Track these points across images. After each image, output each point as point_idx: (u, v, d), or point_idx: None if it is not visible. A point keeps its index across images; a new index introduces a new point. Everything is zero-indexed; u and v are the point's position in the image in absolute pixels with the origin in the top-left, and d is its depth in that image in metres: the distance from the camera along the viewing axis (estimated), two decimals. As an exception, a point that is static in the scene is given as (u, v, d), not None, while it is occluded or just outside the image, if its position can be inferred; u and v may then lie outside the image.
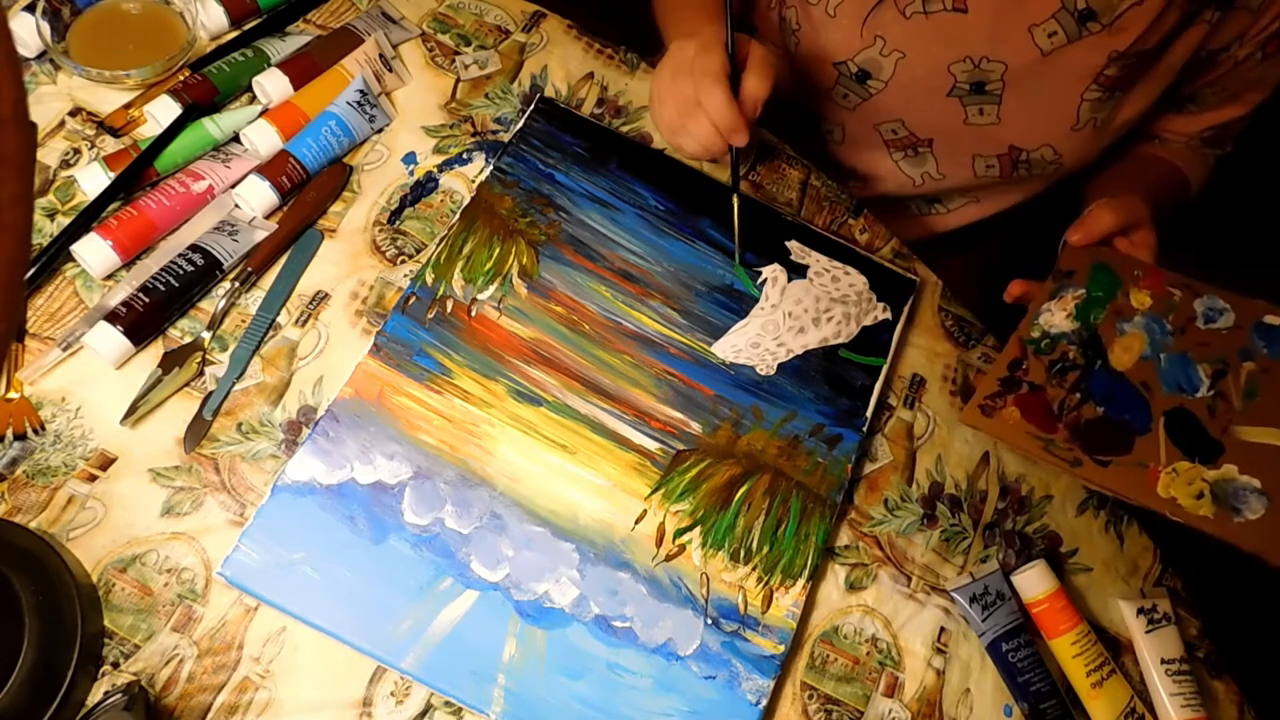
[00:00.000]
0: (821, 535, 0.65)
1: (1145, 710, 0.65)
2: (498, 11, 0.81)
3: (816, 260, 0.74)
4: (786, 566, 0.64)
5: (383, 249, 0.70)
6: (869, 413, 0.69)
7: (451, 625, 0.58)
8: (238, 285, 0.65)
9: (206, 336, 0.64)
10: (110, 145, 0.69)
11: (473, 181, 0.73)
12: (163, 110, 0.68)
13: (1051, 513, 0.71)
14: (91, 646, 0.54)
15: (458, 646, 0.57)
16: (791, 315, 0.72)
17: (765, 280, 0.73)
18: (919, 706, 0.64)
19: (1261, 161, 1.10)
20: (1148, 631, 0.67)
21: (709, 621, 0.61)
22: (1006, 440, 0.62)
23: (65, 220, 0.65)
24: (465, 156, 0.74)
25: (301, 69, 0.72)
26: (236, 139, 0.70)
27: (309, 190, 0.69)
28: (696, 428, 0.66)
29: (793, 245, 0.75)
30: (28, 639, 0.51)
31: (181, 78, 0.71)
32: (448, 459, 0.62)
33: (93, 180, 0.66)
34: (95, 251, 0.63)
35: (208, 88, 0.70)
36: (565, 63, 0.80)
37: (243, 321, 0.65)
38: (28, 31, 0.69)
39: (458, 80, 0.78)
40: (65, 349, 0.61)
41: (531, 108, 0.76)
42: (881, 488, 0.69)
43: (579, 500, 0.63)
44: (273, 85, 0.71)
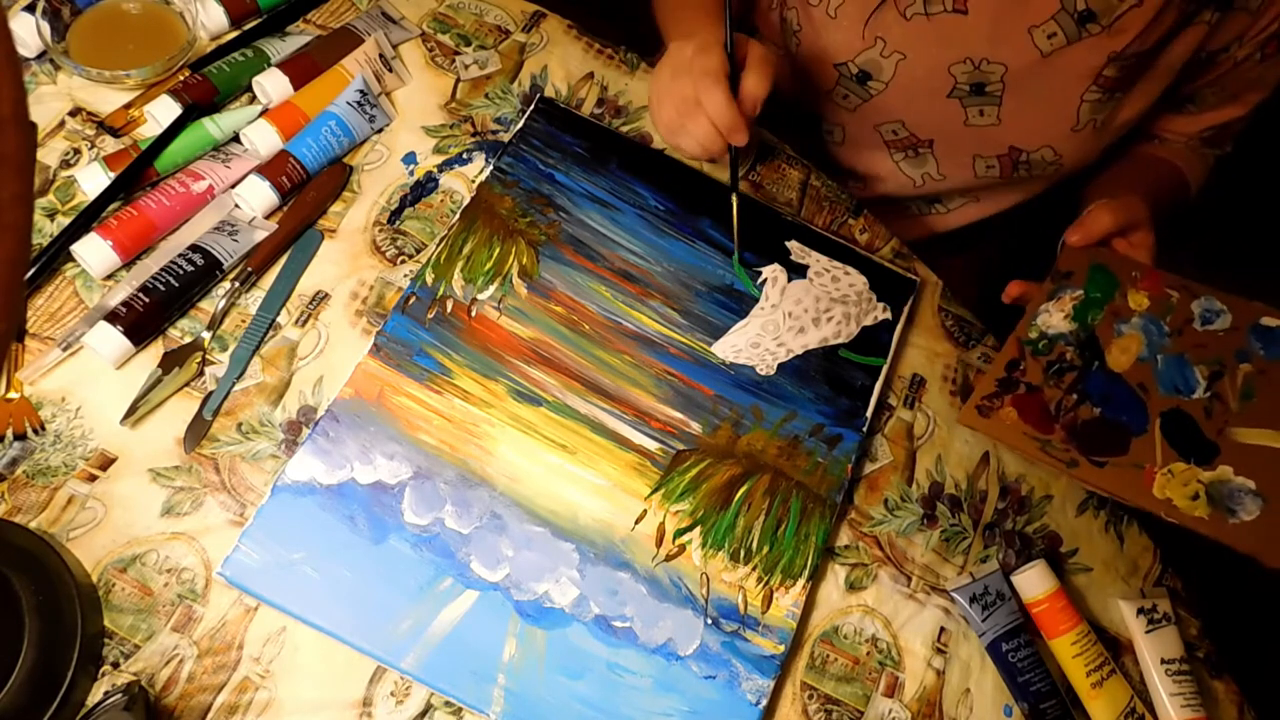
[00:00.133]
0: (821, 535, 0.65)
1: (1145, 710, 0.65)
2: (498, 11, 0.82)
3: (816, 260, 0.74)
4: (786, 566, 0.64)
5: (383, 249, 0.70)
6: (869, 413, 0.70)
7: (451, 625, 0.58)
8: (238, 285, 0.65)
9: (206, 336, 0.64)
10: (110, 145, 0.69)
11: (473, 181, 0.73)
12: (163, 110, 0.68)
13: (1051, 513, 0.71)
14: (91, 646, 0.54)
15: (458, 646, 0.57)
16: (791, 315, 0.72)
17: (765, 280, 0.73)
18: (919, 706, 0.64)
19: (1261, 162, 1.10)
20: (1148, 631, 0.67)
21: (709, 621, 0.61)
22: (1003, 441, 0.62)
23: (65, 220, 0.65)
24: (465, 156, 0.74)
25: (301, 69, 0.72)
26: (236, 139, 0.70)
27: (309, 190, 0.69)
28: (696, 428, 0.66)
29: (793, 245, 0.75)
30: (28, 639, 0.51)
31: (181, 78, 0.71)
32: (448, 459, 0.62)
33: (93, 180, 0.66)
34: (95, 251, 0.63)
35: (208, 88, 0.70)
36: (565, 63, 0.80)
37: (243, 321, 0.65)
38: (28, 31, 0.69)
39: (458, 80, 0.78)
40: (65, 349, 0.61)
41: (531, 108, 0.76)
42: (881, 488, 0.69)
43: (579, 500, 0.63)
44: (273, 85, 0.71)
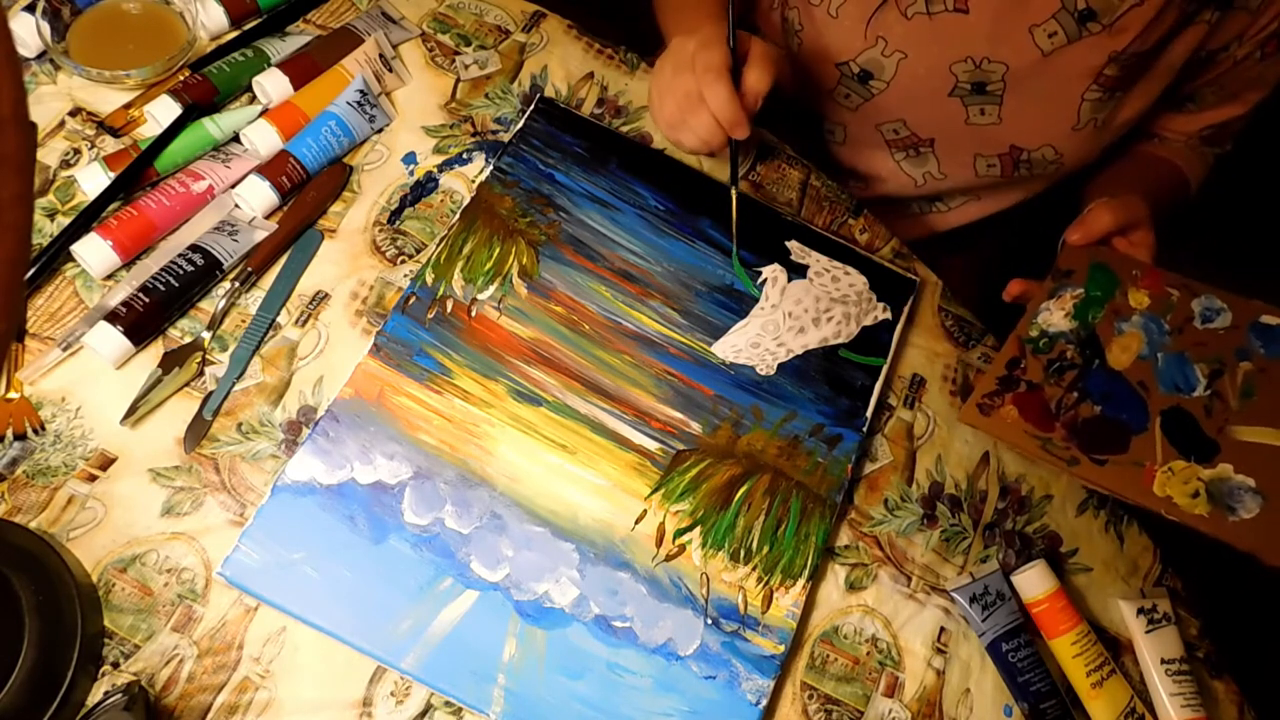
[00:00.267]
0: (821, 535, 0.65)
1: (1145, 710, 0.65)
2: (498, 11, 0.81)
3: (816, 260, 0.74)
4: (786, 566, 0.64)
5: (383, 249, 0.70)
6: (869, 413, 0.69)
7: (451, 625, 0.58)
8: (238, 285, 0.65)
9: (206, 336, 0.64)
10: (110, 145, 0.69)
11: (473, 181, 0.73)
12: (163, 110, 0.68)
13: (1051, 513, 0.71)
14: (91, 646, 0.54)
15: (458, 646, 0.57)
16: (791, 315, 0.72)
17: (765, 280, 0.73)
18: (919, 706, 0.64)
19: (1261, 161, 1.10)
20: (1148, 631, 0.67)
21: (709, 621, 0.61)
22: (1004, 439, 0.62)
23: (65, 220, 0.65)
24: (465, 156, 0.74)
25: (301, 69, 0.72)
26: (236, 139, 0.70)
27: (309, 190, 0.69)
28: (696, 428, 0.66)
29: (793, 245, 0.75)
30: (28, 639, 0.51)
31: (181, 78, 0.71)
32: (448, 459, 0.62)
33: (93, 180, 0.66)
34: (95, 251, 0.63)
35: (208, 88, 0.70)
36: (565, 63, 0.80)
37: (243, 321, 0.65)
38: (28, 31, 0.69)
39: (458, 80, 0.78)
40: (65, 349, 0.61)
41: (531, 108, 0.76)
42: (881, 488, 0.69)
43: (579, 500, 0.63)
44: (273, 85, 0.71)
